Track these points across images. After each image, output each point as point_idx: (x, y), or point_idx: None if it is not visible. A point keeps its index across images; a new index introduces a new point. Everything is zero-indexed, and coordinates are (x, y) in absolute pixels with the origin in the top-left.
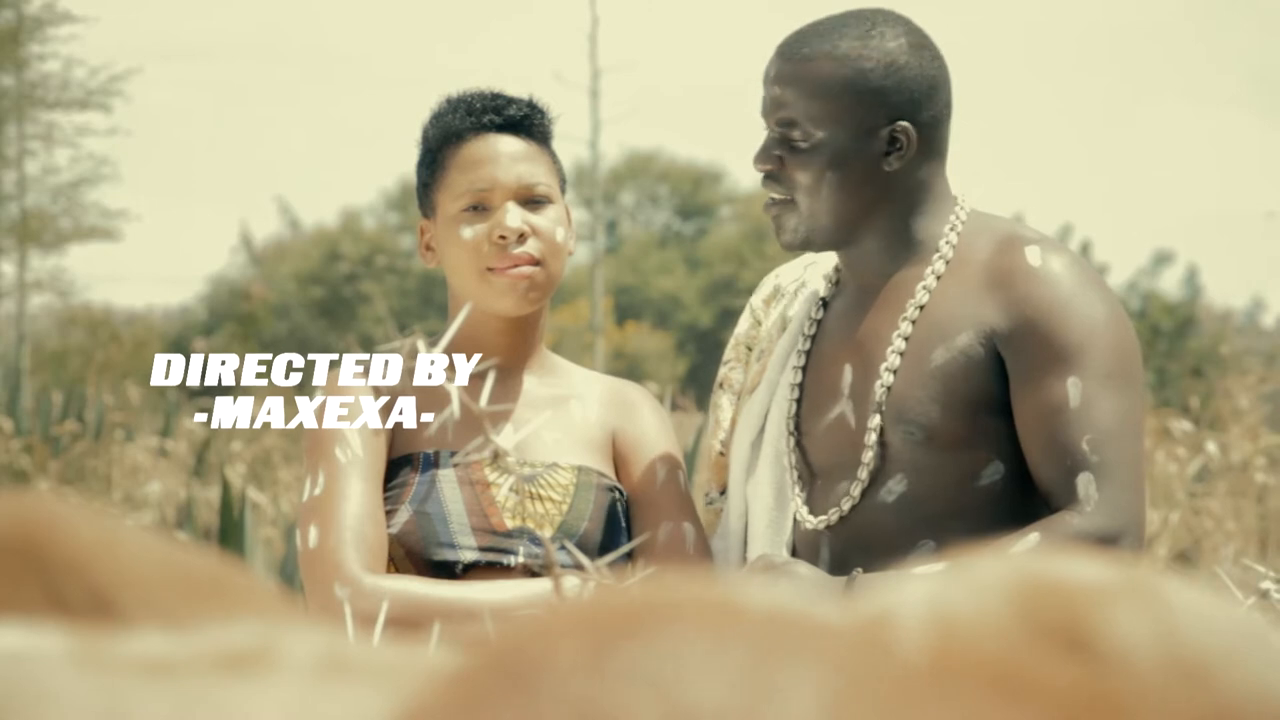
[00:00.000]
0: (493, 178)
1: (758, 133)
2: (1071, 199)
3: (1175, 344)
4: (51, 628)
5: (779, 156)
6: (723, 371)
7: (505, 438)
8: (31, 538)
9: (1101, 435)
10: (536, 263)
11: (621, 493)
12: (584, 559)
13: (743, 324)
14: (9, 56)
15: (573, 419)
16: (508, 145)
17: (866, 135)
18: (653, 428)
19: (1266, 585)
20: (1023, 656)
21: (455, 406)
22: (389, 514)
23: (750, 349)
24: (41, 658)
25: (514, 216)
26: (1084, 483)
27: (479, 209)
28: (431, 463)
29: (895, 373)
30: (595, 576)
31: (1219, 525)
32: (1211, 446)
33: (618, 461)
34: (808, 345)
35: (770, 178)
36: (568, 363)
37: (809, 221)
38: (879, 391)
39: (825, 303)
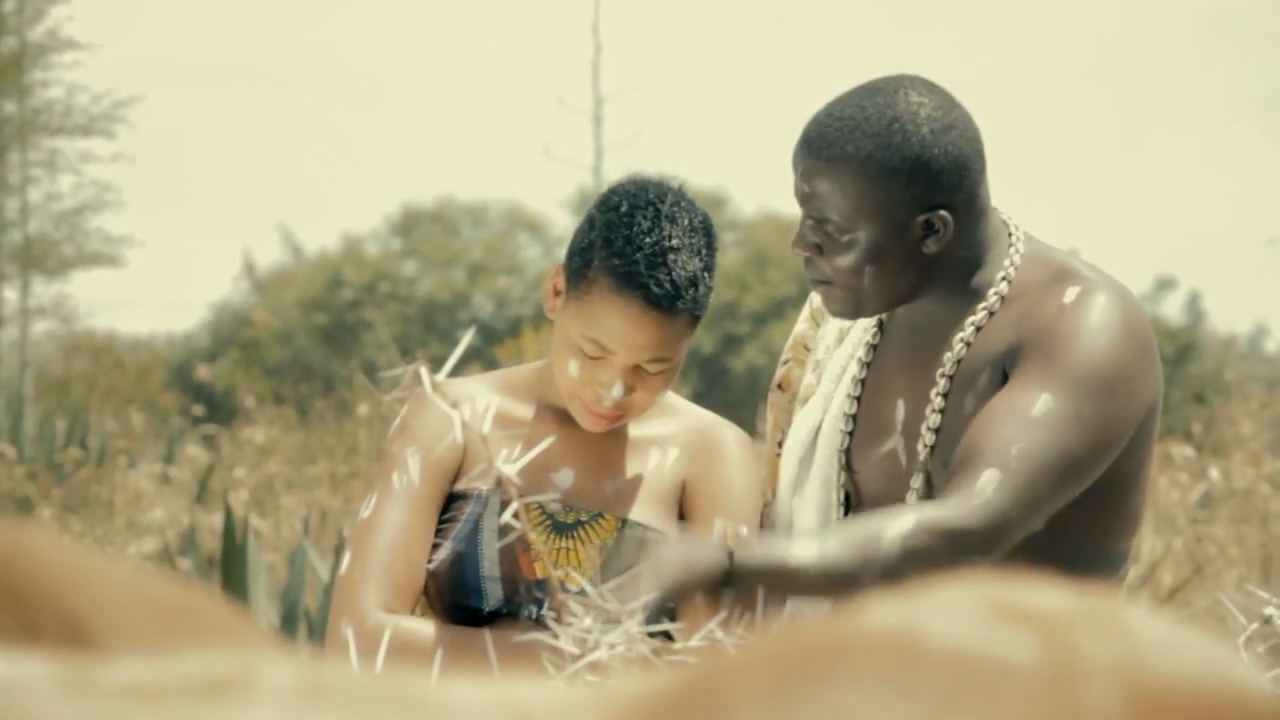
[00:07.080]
0: (621, 347)
1: (760, 160)
2: (1074, 224)
3: (1178, 370)
4: (32, 654)
5: (816, 244)
6: (781, 371)
7: (566, 475)
8: (5, 567)
9: (1032, 455)
10: (623, 415)
11: None
12: (645, 597)
13: (801, 324)
14: (12, 83)
15: (646, 468)
16: (654, 323)
17: (901, 228)
18: (728, 475)
19: (1270, 611)
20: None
21: (458, 431)
22: (435, 547)
23: (809, 349)
24: (26, 683)
25: (619, 389)
26: (987, 478)
27: (597, 357)
28: (483, 501)
29: (937, 431)
30: (604, 608)
31: (1222, 551)
32: (1214, 472)
33: (686, 510)
34: (864, 374)
35: (810, 263)
36: (675, 400)
37: (855, 302)
38: (922, 451)
39: (881, 325)
